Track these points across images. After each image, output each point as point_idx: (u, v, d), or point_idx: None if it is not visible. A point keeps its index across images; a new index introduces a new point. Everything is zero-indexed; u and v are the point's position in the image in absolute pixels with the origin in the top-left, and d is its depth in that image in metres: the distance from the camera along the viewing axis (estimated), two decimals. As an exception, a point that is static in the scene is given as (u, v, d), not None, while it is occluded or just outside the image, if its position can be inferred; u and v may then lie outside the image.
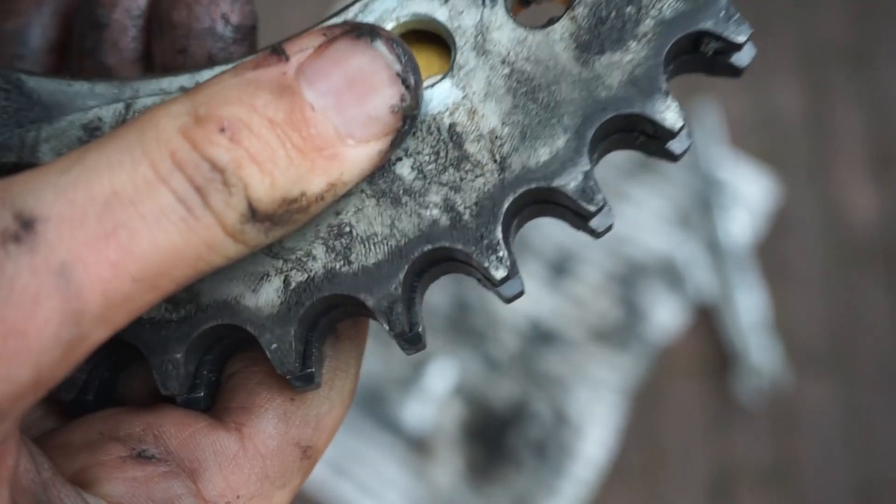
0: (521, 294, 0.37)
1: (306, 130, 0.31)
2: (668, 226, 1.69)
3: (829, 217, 1.73)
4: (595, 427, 1.56)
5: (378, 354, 1.58)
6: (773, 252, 1.70)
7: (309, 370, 0.37)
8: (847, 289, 1.68)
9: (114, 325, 0.29)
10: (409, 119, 0.34)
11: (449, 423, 1.56)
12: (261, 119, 0.31)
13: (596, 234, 0.38)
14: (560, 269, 1.66)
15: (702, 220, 1.69)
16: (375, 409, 1.56)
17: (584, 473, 1.54)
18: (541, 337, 1.61)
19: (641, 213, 1.70)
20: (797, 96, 1.81)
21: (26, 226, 0.28)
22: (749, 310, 1.61)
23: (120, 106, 0.38)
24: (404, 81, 0.33)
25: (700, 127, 1.73)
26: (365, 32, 0.33)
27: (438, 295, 1.62)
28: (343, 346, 0.40)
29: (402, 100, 0.33)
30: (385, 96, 0.33)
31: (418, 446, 1.55)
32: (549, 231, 1.67)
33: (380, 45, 0.33)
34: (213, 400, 0.39)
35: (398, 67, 0.33)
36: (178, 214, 0.29)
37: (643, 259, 1.66)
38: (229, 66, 0.37)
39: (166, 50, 0.41)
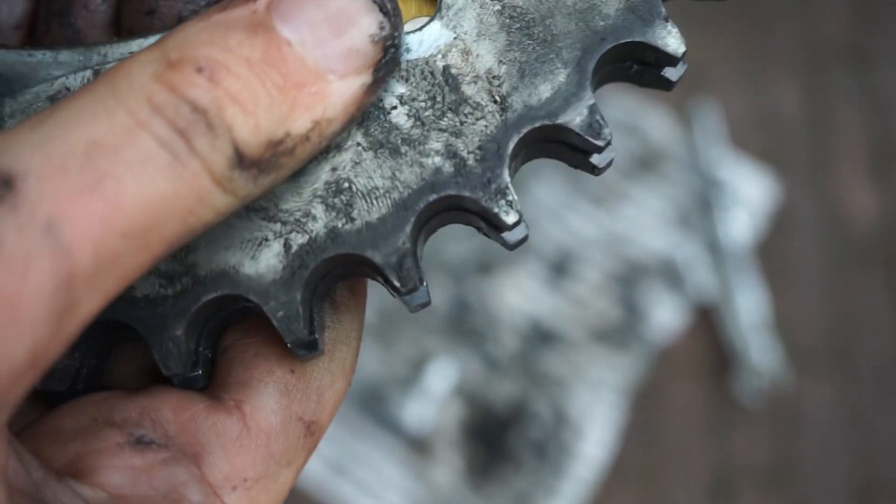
0: (525, 239, 0.36)
1: (285, 67, 0.30)
2: (668, 226, 1.69)
3: (830, 217, 1.73)
4: (595, 427, 1.56)
5: (378, 354, 1.58)
6: (773, 252, 1.70)
7: (313, 337, 0.36)
8: (847, 289, 1.68)
9: (106, 292, 0.27)
10: (390, 48, 0.32)
11: (449, 423, 1.56)
12: (237, 58, 0.29)
13: (596, 171, 0.37)
14: (560, 269, 1.66)
15: (702, 220, 1.68)
16: (375, 409, 1.56)
17: (584, 473, 1.54)
18: (541, 337, 1.61)
19: (641, 213, 1.69)
20: (797, 96, 1.81)
21: (5, 184, 0.26)
22: (749, 310, 1.61)
23: (87, 73, 0.36)
24: (381, 8, 0.32)
25: (700, 127, 1.73)
26: None
27: (438, 295, 1.62)
28: (343, 318, 0.38)
29: (381, 27, 0.32)
30: (363, 26, 0.31)
31: (418, 446, 1.55)
32: (549, 231, 1.67)
33: None
34: (210, 377, 0.37)
35: None
36: (163, 160, 0.28)
37: (643, 259, 1.66)
38: None
39: (134, 12, 0.39)
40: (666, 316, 1.63)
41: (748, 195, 1.71)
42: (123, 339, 0.37)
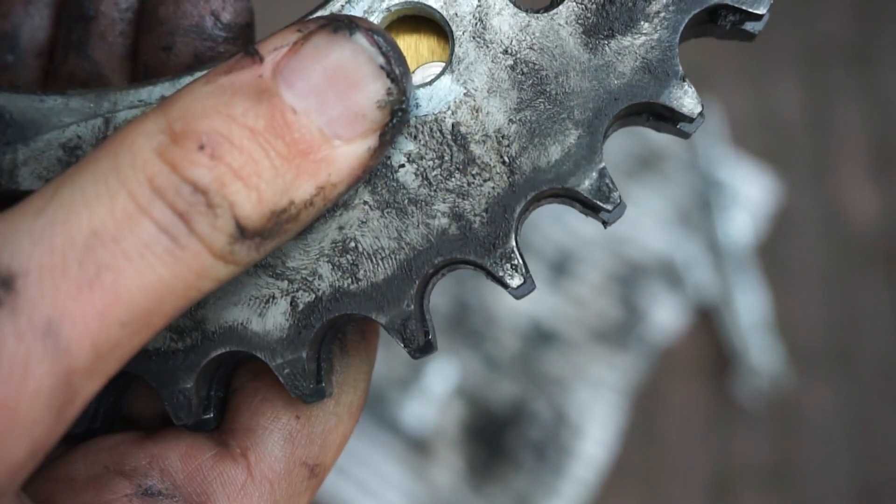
0: (531, 291, 0.36)
1: (290, 136, 0.29)
2: (669, 226, 1.69)
3: (830, 216, 1.72)
4: (595, 427, 1.56)
5: (378, 354, 1.58)
6: (773, 252, 1.70)
7: (320, 385, 0.36)
8: (848, 288, 1.67)
9: (106, 374, 0.28)
10: (397, 113, 0.32)
11: (449, 423, 1.56)
12: (241, 129, 0.29)
13: (606, 224, 0.37)
14: (560, 269, 1.65)
15: (702, 220, 1.68)
16: (375, 409, 1.56)
17: (584, 473, 1.54)
18: (541, 337, 1.61)
19: (641, 213, 1.69)
20: (798, 96, 1.81)
21: (5, 284, 0.26)
22: (749, 310, 1.61)
23: (98, 121, 0.35)
24: (389, 74, 0.31)
25: (700, 126, 1.73)
26: (343, 25, 0.31)
27: (438, 295, 1.62)
28: (352, 362, 0.39)
29: (389, 93, 0.31)
30: (369, 91, 0.31)
31: (418, 446, 1.55)
32: (549, 231, 1.67)
33: (359, 38, 0.31)
34: (222, 418, 0.38)
35: (381, 60, 0.31)
36: (162, 246, 0.28)
37: (643, 259, 1.66)
38: (203, 72, 0.35)
39: (151, 47, 0.39)
40: (666, 316, 1.63)
41: (748, 195, 1.71)
42: (134, 376, 0.37)
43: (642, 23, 0.34)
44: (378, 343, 0.40)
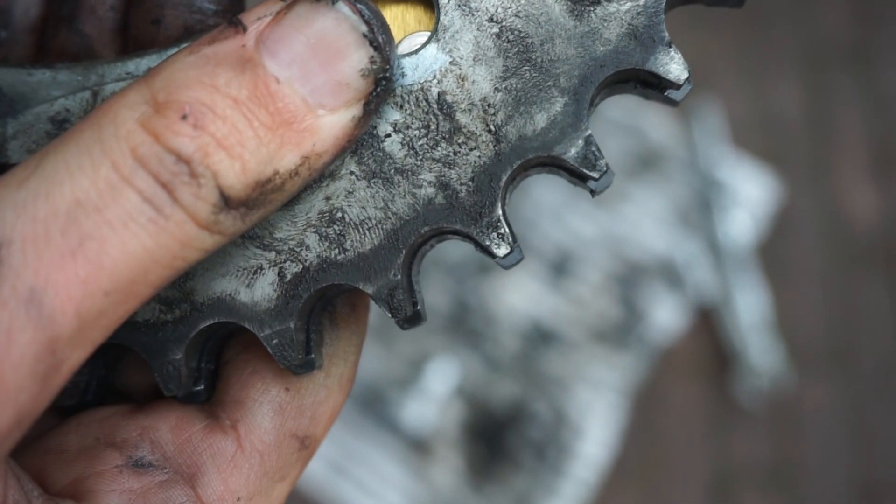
0: (520, 261, 0.36)
1: (273, 105, 0.29)
2: (669, 226, 1.69)
3: (830, 216, 1.72)
4: (595, 427, 1.56)
5: (378, 354, 1.58)
6: (773, 252, 1.70)
7: (309, 356, 0.36)
8: (848, 288, 1.67)
9: (91, 343, 0.28)
10: (381, 81, 0.32)
11: (449, 422, 1.56)
12: (224, 99, 0.29)
13: (594, 194, 0.36)
14: (560, 269, 1.66)
15: (702, 220, 1.68)
16: (375, 409, 1.56)
17: (585, 474, 1.54)
18: (541, 337, 1.61)
19: (641, 213, 1.69)
20: (798, 95, 1.81)
21: None
22: (749, 310, 1.61)
23: (87, 94, 0.35)
24: (372, 42, 0.31)
25: (701, 126, 1.73)
26: None
27: (439, 295, 1.62)
28: (342, 335, 0.39)
29: (372, 62, 0.31)
30: (353, 60, 0.31)
31: (418, 446, 1.55)
32: (549, 231, 1.67)
33: (342, 6, 0.31)
34: (213, 389, 0.38)
35: (364, 28, 0.31)
36: (146, 216, 0.28)
37: (643, 259, 1.66)
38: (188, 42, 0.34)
39: (141, 21, 0.39)
40: (666, 316, 1.63)
41: (748, 195, 1.71)
42: (126, 348, 0.38)
43: None
44: (368, 316, 0.40)
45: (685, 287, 1.64)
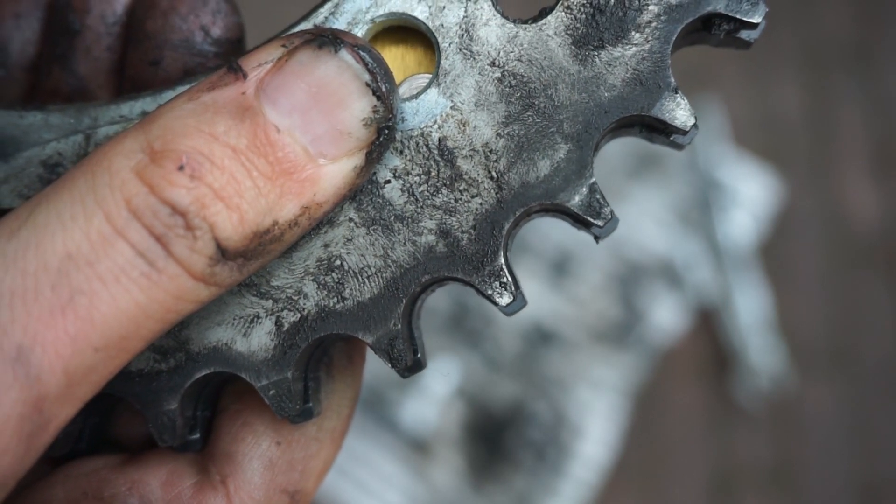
0: (522, 308, 0.35)
1: (273, 155, 0.29)
2: (669, 226, 1.69)
3: (831, 216, 1.72)
4: (595, 427, 1.56)
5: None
6: (774, 252, 1.69)
7: (307, 405, 0.35)
8: (849, 289, 1.67)
9: (80, 400, 0.27)
10: (384, 130, 0.31)
11: (449, 422, 1.56)
12: (223, 148, 0.28)
13: (598, 239, 0.36)
14: (560, 269, 1.65)
15: (702, 220, 1.68)
16: (375, 409, 1.56)
17: (585, 474, 1.54)
18: (541, 337, 1.61)
19: (642, 213, 1.69)
20: (799, 95, 1.80)
21: None
22: (749, 310, 1.61)
23: (79, 138, 0.35)
24: (375, 91, 0.30)
25: (701, 126, 1.73)
26: (327, 41, 0.30)
27: (439, 295, 1.62)
28: (337, 387, 0.38)
29: (375, 111, 0.30)
30: (355, 109, 0.30)
31: (418, 446, 1.55)
32: (549, 231, 1.67)
33: (345, 54, 0.30)
34: (209, 437, 0.38)
35: (367, 77, 0.30)
36: (138, 270, 0.27)
37: (643, 259, 1.66)
38: (187, 86, 0.34)
39: (138, 62, 0.38)
40: (666, 316, 1.63)
41: (749, 195, 1.71)
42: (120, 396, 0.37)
43: (633, 33, 0.33)
44: (364, 368, 0.39)
45: (685, 287, 1.64)
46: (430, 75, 0.35)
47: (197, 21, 0.36)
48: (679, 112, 0.33)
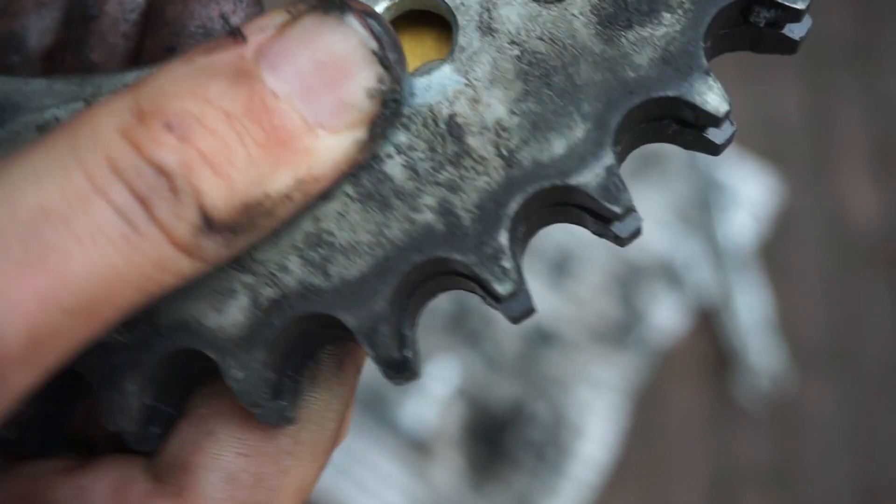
0: (530, 313, 0.33)
1: (269, 122, 0.27)
2: (669, 226, 1.69)
3: (831, 216, 1.72)
4: (595, 427, 1.56)
5: (378, 354, 1.58)
6: (774, 252, 1.69)
7: (279, 403, 0.32)
8: (849, 289, 1.67)
9: (42, 367, 0.25)
10: (390, 103, 0.29)
11: (449, 422, 1.56)
12: (215, 112, 0.26)
13: (621, 241, 0.33)
14: (560, 269, 1.65)
15: (702, 220, 1.68)
16: (375, 409, 1.56)
17: (585, 474, 1.54)
18: (541, 337, 1.61)
19: (642, 213, 1.69)
20: (799, 95, 1.80)
21: None
22: (749, 310, 1.61)
23: (79, 105, 0.33)
24: (382, 60, 0.29)
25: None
26: (334, 7, 0.28)
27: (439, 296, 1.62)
28: (321, 395, 0.34)
29: (381, 81, 0.29)
30: (360, 78, 0.28)
31: (418, 446, 1.55)
32: (549, 231, 1.67)
33: (352, 21, 0.28)
34: (167, 438, 0.34)
35: (374, 45, 0.28)
36: (117, 231, 0.25)
37: (643, 259, 1.66)
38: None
39: (155, 48, 0.36)
40: (666, 316, 1.62)
41: (749, 195, 1.71)
42: (88, 386, 0.33)
43: (664, 13, 0.31)
44: (357, 381, 0.35)
45: (685, 287, 1.64)
46: (442, 60, 0.33)
47: (217, 8, 0.35)
48: (711, 96, 0.31)
